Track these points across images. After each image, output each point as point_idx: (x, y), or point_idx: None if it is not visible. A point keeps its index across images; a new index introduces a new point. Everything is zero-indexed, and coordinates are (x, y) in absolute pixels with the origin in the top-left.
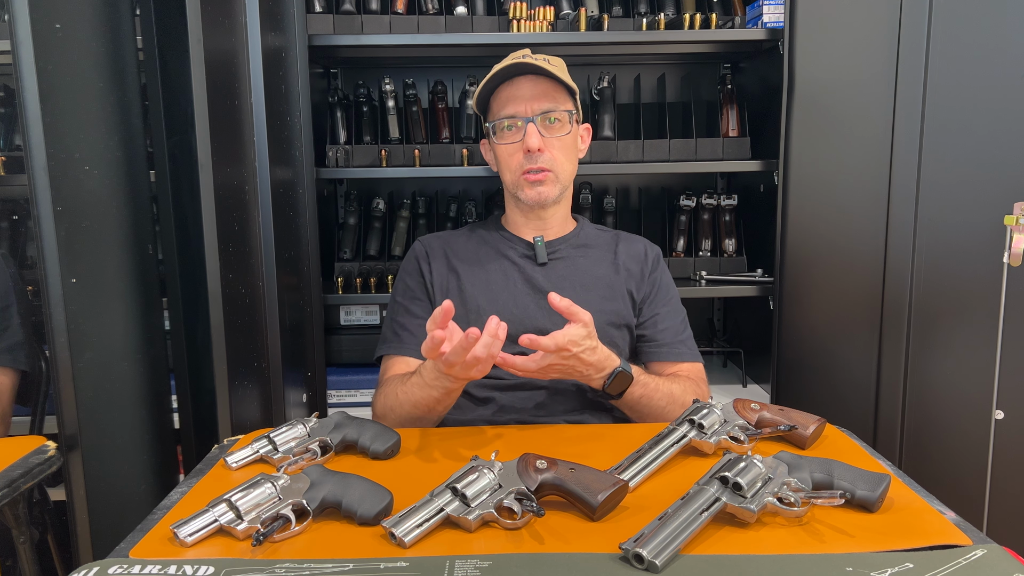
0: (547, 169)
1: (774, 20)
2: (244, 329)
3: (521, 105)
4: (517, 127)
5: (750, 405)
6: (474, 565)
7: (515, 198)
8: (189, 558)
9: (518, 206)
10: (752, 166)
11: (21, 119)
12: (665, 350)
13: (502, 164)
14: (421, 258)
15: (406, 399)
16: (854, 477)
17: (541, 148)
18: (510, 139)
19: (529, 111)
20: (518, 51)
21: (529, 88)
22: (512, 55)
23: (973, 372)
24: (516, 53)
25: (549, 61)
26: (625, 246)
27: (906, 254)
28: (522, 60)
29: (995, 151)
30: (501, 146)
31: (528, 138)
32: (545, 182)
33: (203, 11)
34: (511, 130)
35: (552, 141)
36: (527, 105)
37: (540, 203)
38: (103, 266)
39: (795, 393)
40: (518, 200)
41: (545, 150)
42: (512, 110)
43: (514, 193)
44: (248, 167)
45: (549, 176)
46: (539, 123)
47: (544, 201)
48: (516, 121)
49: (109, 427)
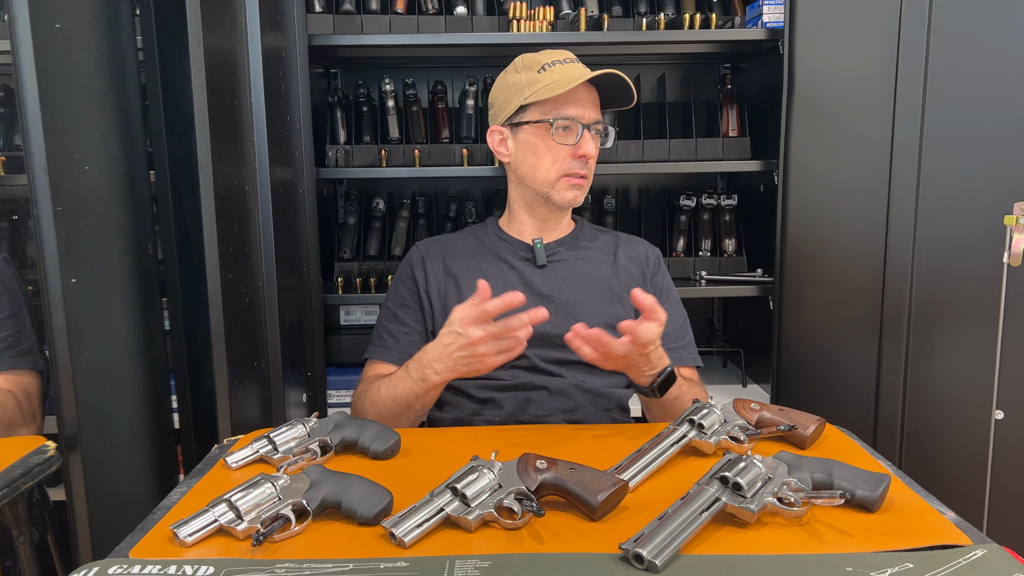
0: (586, 176)
1: (774, 20)
2: (244, 329)
3: (581, 109)
4: (571, 130)
5: (750, 405)
6: (474, 565)
7: (540, 196)
8: (189, 558)
9: (530, 205)
10: (752, 166)
11: (21, 119)
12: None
13: (543, 159)
14: (416, 265)
15: (388, 393)
16: (854, 477)
17: (594, 155)
18: (565, 139)
19: (587, 118)
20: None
21: (587, 95)
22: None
23: (973, 372)
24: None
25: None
26: (625, 248)
27: (906, 254)
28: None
29: (995, 151)
30: (556, 145)
31: (586, 144)
32: (582, 187)
33: (203, 11)
34: (566, 131)
35: (593, 151)
36: (586, 111)
37: (572, 205)
38: (103, 266)
39: (795, 393)
40: (545, 199)
41: (589, 159)
42: (574, 112)
43: (544, 192)
44: (248, 167)
45: (585, 183)
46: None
47: (576, 204)
48: (575, 124)
49: (109, 427)
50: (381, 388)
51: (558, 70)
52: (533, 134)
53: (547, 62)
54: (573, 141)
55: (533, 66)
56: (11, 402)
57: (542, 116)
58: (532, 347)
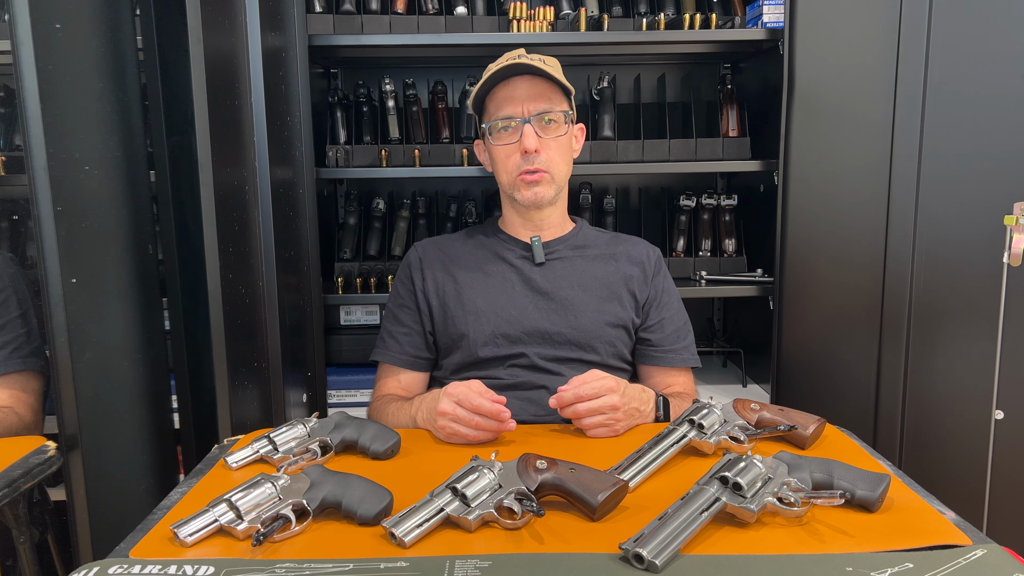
0: (543, 170)
1: (774, 20)
2: (244, 329)
3: (518, 106)
4: (513, 128)
5: (750, 405)
6: (474, 565)
7: (511, 199)
8: (189, 558)
9: (514, 207)
10: (752, 166)
11: (21, 119)
12: (671, 356)
13: (498, 165)
14: (414, 267)
15: (395, 421)
16: (854, 477)
17: (538, 149)
18: (507, 140)
19: (525, 112)
20: (513, 51)
21: (525, 89)
22: (507, 55)
23: (973, 372)
24: (511, 53)
25: (544, 61)
26: (625, 248)
27: (906, 254)
28: (517, 60)
29: (995, 151)
30: (498, 147)
31: (525, 139)
32: (541, 183)
33: (203, 11)
34: (507, 131)
35: (548, 142)
36: (523, 106)
37: (536, 204)
38: (103, 266)
39: (795, 393)
40: (514, 201)
41: (541, 151)
42: (509, 111)
43: (510, 194)
44: (248, 167)
45: (545, 177)
46: (535, 124)
47: (540, 202)
48: (512, 122)
49: (109, 427)
50: (389, 414)
51: (493, 75)
52: (492, 142)
53: (494, 68)
54: (515, 139)
55: (485, 75)
56: (12, 419)
57: (485, 122)
58: (532, 346)
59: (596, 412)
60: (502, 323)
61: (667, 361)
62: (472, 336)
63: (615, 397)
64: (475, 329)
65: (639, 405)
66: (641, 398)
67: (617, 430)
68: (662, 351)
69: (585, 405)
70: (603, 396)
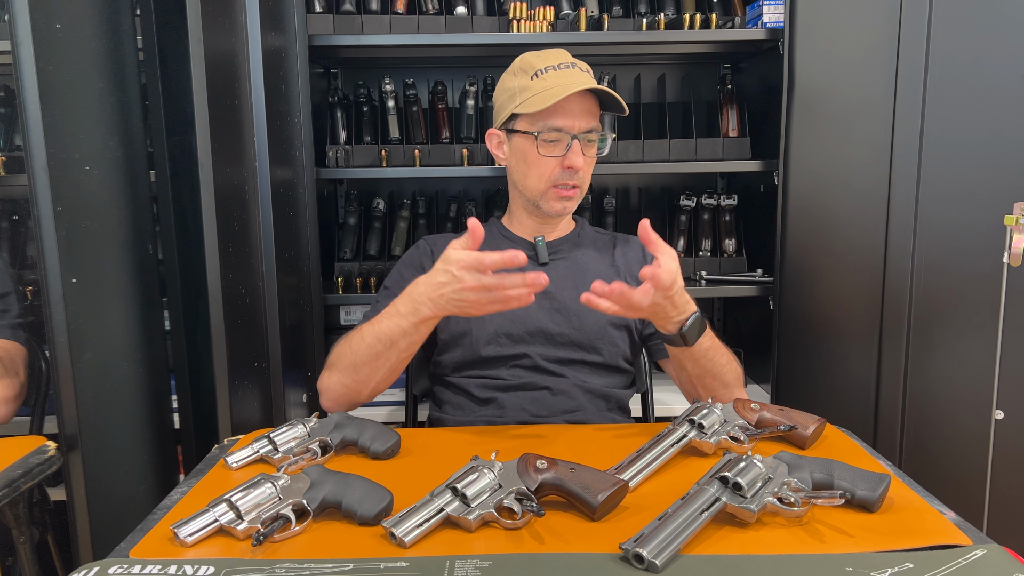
0: (578, 185)
1: (774, 20)
2: (244, 329)
3: (571, 120)
4: (560, 140)
5: (750, 405)
6: (474, 565)
7: (533, 204)
8: (189, 558)
9: (528, 208)
10: (752, 166)
11: (21, 119)
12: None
13: (531, 170)
14: (425, 256)
15: (370, 331)
16: (854, 477)
17: (582, 167)
18: (552, 151)
19: (576, 128)
20: (555, 51)
21: (579, 104)
22: (554, 55)
23: (973, 372)
24: (557, 53)
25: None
26: (624, 248)
27: (906, 254)
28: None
29: (995, 151)
30: (540, 156)
31: (573, 156)
32: (573, 198)
33: (203, 11)
34: (554, 143)
35: (588, 160)
36: (576, 121)
37: (563, 215)
38: (103, 266)
39: (795, 393)
40: (536, 207)
41: (582, 168)
42: (562, 123)
43: (535, 200)
44: (248, 167)
45: (577, 192)
46: (582, 141)
47: (566, 214)
48: (563, 135)
49: (109, 427)
50: (364, 328)
51: (550, 77)
52: (523, 143)
53: (542, 67)
54: (561, 153)
55: (528, 70)
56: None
57: (530, 127)
58: (534, 346)
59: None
60: (505, 322)
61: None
62: (475, 333)
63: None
64: (477, 326)
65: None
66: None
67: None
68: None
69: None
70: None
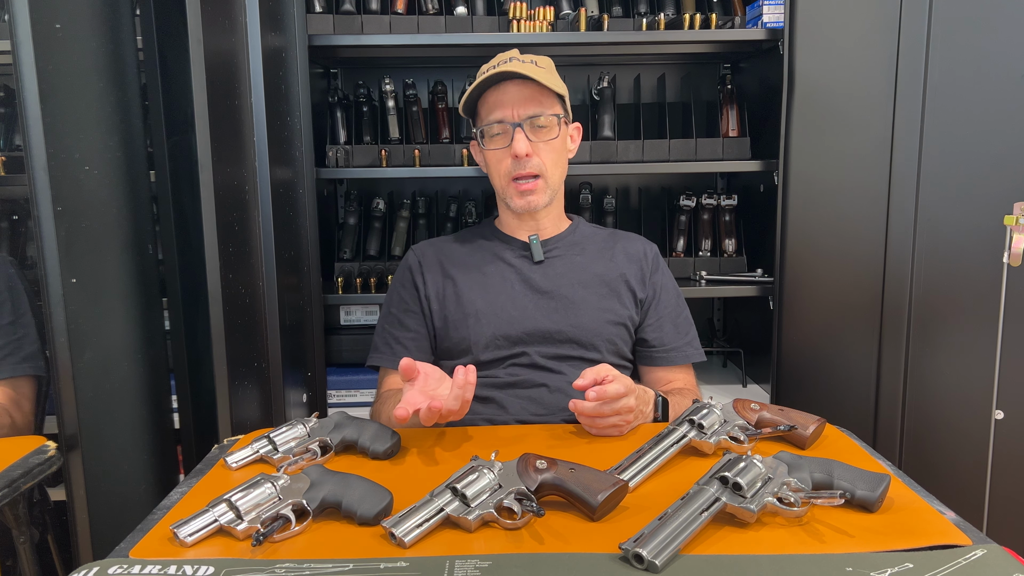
0: (537, 175)
1: (774, 20)
2: (244, 329)
3: (508, 110)
4: (505, 132)
5: (750, 405)
6: (474, 565)
7: (505, 204)
8: (189, 558)
9: (508, 210)
10: (752, 166)
11: (21, 119)
12: (673, 354)
13: (491, 169)
14: (414, 270)
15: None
16: (854, 477)
17: (529, 154)
18: (498, 144)
19: (516, 116)
20: (505, 53)
21: (516, 92)
22: (499, 57)
23: (973, 372)
24: (503, 55)
25: (536, 63)
26: (623, 245)
27: (906, 254)
28: (507, 64)
29: (995, 151)
30: (489, 152)
31: (516, 144)
32: (535, 191)
33: (203, 11)
34: (499, 136)
35: (540, 146)
36: (514, 110)
37: (530, 211)
38: (103, 266)
39: (795, 393)
40: (508, 206)
41: (533, 155)
42: (499, 115)
43: (505, 200)
44: (248, 167)
45: (539, 184)
46: (527, 128)
47: (534, 209)
48: (504, 126)
49: (109, 427)
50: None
51: (484, 77)
52: (484, 147)
53: (485, 70)
54: (507, 144)
55: (478, 77)
56: (4, 419)
57: (477, 127)
58: (532, 344)
59: (615, 414)
60: (502, 324)
61: (667, 361)
62: (473, 340)
63: (631, 399)
64: (476, 332)
65: (642, 406)
66: (643, 399)
67: (623, 430)
68: (662, 351)
69: (610, 407)
70: (622, 400)
